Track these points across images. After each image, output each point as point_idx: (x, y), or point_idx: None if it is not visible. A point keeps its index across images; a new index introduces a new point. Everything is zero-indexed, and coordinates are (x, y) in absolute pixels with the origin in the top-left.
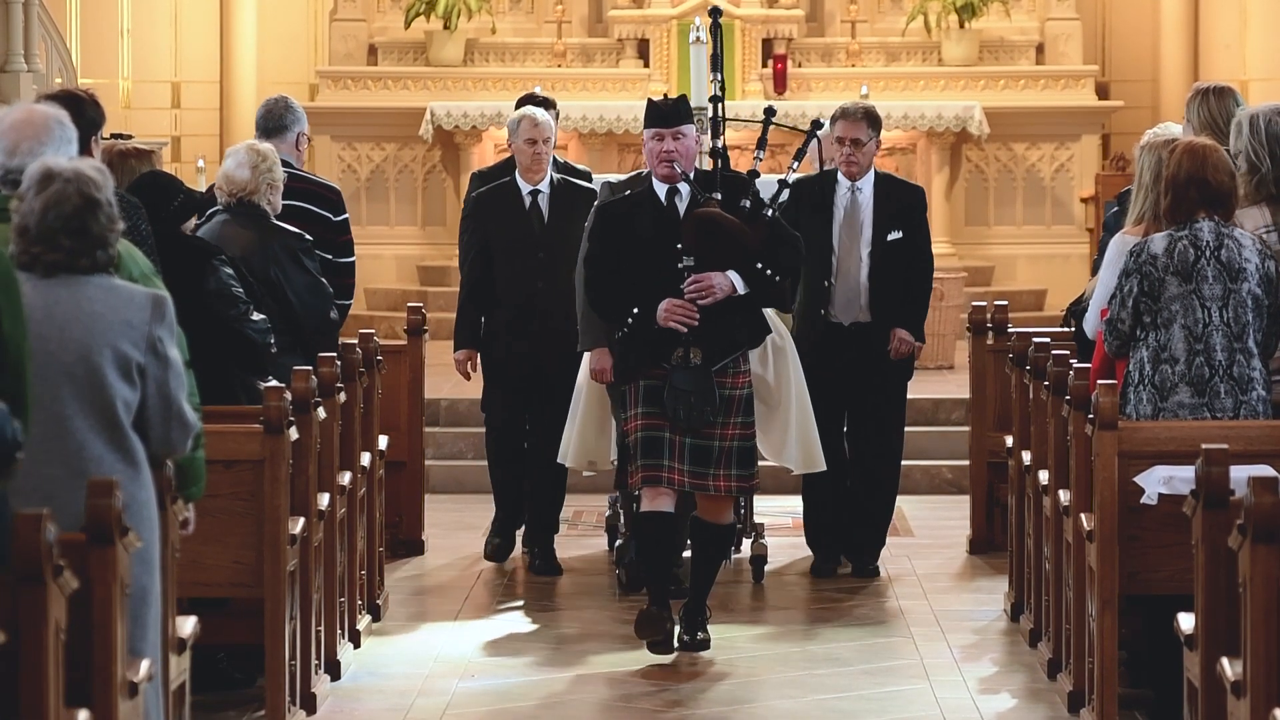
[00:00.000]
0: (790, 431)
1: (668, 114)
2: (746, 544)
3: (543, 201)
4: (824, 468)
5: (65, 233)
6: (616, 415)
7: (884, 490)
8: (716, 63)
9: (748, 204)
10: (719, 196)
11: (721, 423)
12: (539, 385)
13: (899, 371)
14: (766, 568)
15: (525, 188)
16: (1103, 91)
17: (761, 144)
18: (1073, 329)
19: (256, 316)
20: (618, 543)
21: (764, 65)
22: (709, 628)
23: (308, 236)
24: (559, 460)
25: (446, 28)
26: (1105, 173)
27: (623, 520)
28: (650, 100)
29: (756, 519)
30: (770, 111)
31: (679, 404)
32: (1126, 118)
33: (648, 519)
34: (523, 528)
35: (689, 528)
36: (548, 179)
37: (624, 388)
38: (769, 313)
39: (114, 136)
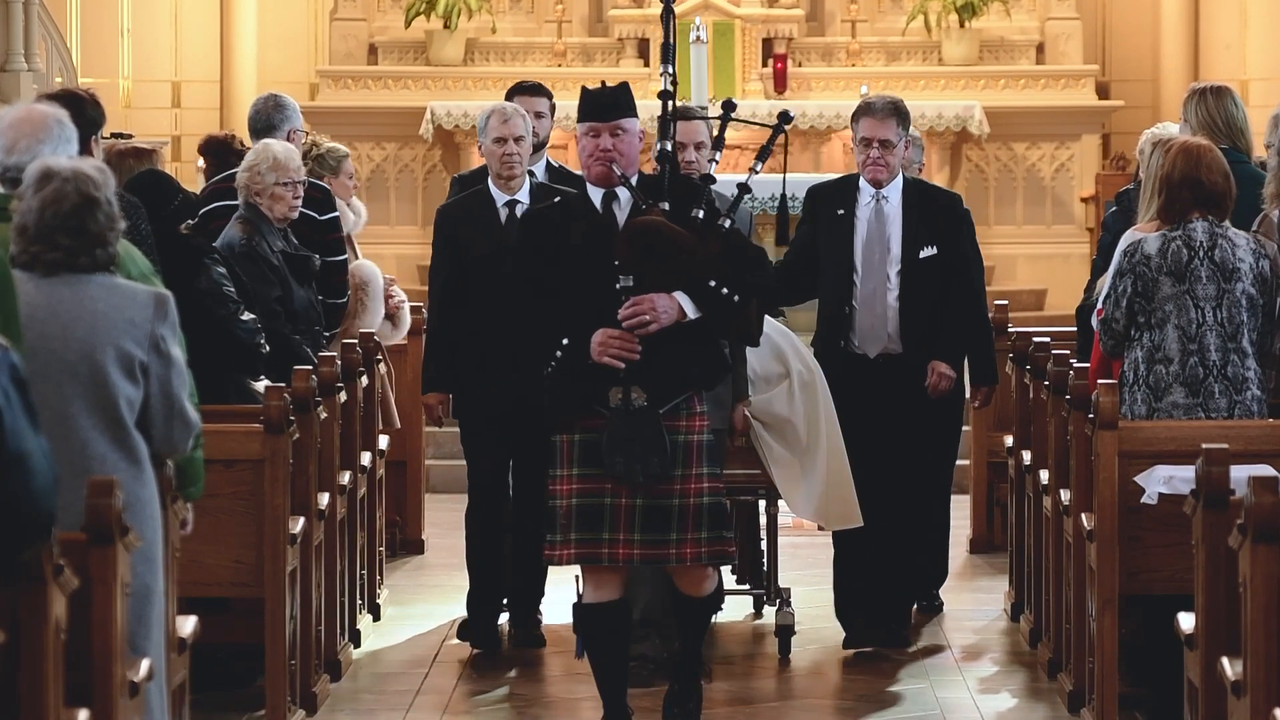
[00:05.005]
0: (821, 482)
1: (605, 106)
2: (770, 612)
3: (521, 213)
4: (860, 523)
5: (63, 231)
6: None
7: (922, 555)
8: (667, 54)
9: (700, 213)
10: (666, 205)
11: (681, 475)
12: (522, 430)
13: (946, 413)
14: (794, 639)
15: (500, 198)
16: (1103, 91)
17: (718, 144)
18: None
19: (246, 316)
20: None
21: (764, 65)
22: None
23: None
24: None
25: (446, 27)
26: (1105, 172)
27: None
28: (584, 89)
29: (782, 583)
30: (729, 106)
31: (618, 453)
32: (1126, 117)
33: (594, 613)
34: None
35: (673, 605)
36: (527, 186)
37: (555, 438)
38: (794, 340)
39: (114, 136)
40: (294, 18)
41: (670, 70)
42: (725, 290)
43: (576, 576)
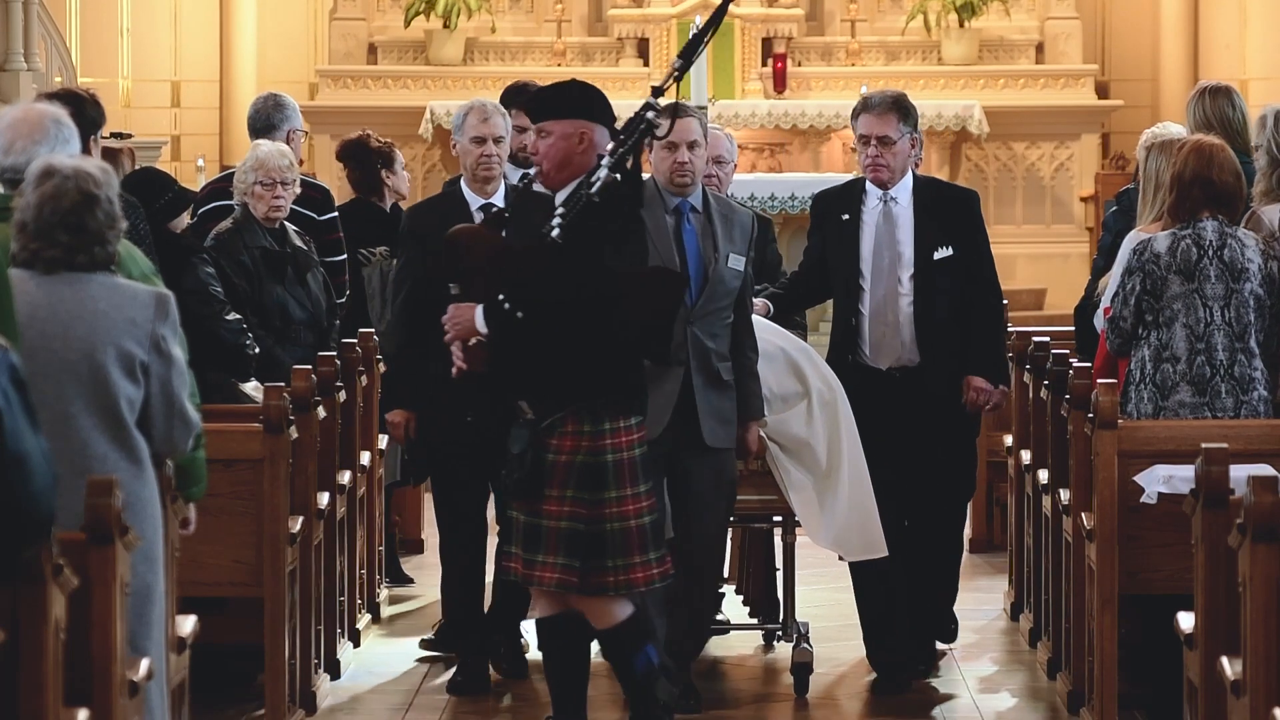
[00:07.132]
0: (843, 509)
1: (532, 104)
2: (786, 648)
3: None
4: (885, 553)
5: (62, 228)
6: None
7: (940, 583)
8: (691, 49)
9: (557, 221)
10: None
11: (545, 496)
12: (502, 454)
13: (962, 428)
14: (812, 676)
15: (474, 201)
16: (1102, 91)
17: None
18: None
19: (231, 317)
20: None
21: (764, 64)
22: None
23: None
24: None
25: (446, 27)
26: (1105, 172)
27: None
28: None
29: (799, 617)
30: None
31: (502, 467)
32: (1126, 117)
33: (539, 627)
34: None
35: None
36: (502, 189)
37: None
38: (814, 356)
39: (114, 135)
40: (294, 17)
41: (676, 64)
42: (508, 305)
43: None
